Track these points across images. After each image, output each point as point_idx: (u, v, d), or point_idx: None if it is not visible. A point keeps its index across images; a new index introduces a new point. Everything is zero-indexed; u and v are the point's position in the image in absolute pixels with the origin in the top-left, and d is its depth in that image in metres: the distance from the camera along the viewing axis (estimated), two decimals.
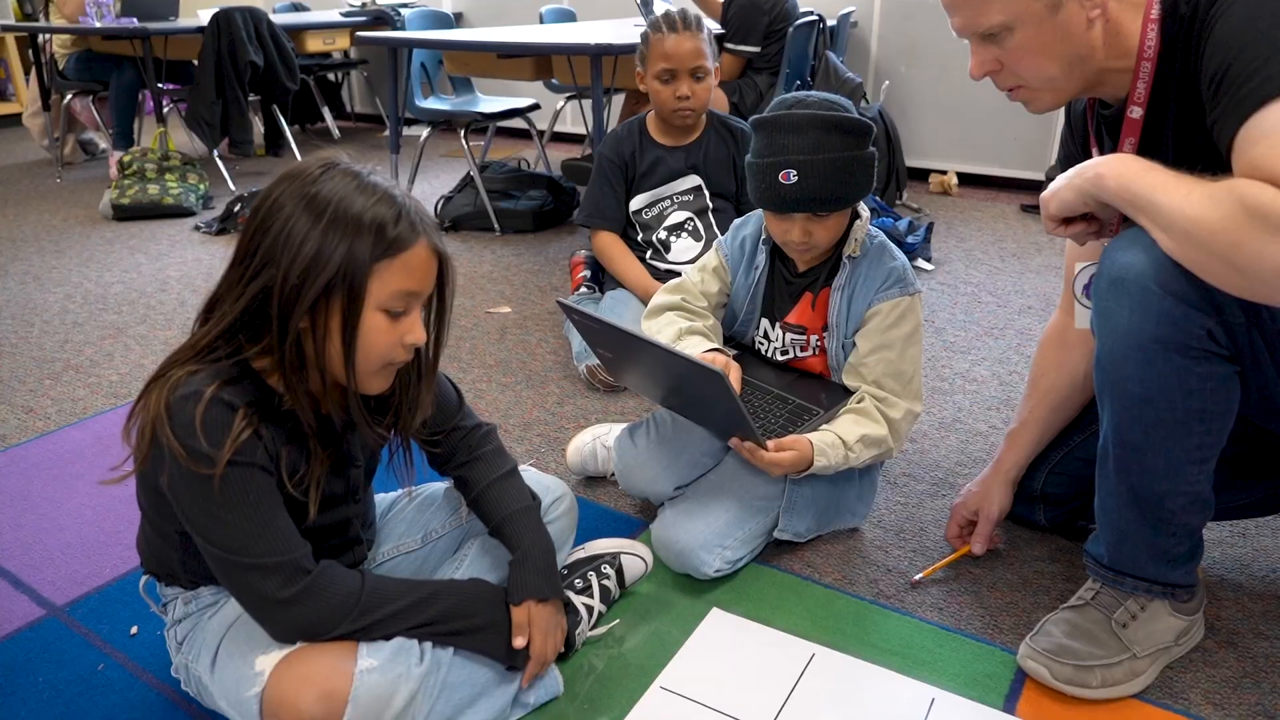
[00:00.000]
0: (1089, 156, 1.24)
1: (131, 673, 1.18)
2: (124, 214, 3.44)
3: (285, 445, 0.94)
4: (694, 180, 2.16)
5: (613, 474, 1.53)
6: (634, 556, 1.29)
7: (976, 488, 1.39)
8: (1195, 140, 1.01)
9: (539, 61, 3.41)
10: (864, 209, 1.39)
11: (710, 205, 2.17)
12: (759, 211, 1.44)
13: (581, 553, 1.28)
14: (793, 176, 1.28)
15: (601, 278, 2.24)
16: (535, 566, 1.07)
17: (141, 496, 1.01)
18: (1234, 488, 1.24)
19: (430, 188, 3.86)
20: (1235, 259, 0.86)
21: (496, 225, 3.22)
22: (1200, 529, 1.11)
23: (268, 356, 0.93)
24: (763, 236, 1.45)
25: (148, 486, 0.98)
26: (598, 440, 1.60)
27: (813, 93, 1.32)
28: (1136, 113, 1.08)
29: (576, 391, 1.99)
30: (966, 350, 2.21)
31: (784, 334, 1.46)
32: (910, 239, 2.91)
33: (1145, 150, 1.12)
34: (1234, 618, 1.26)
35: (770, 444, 1.25)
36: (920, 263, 2.88)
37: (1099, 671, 1.10)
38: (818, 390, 1.42)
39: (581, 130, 4.74)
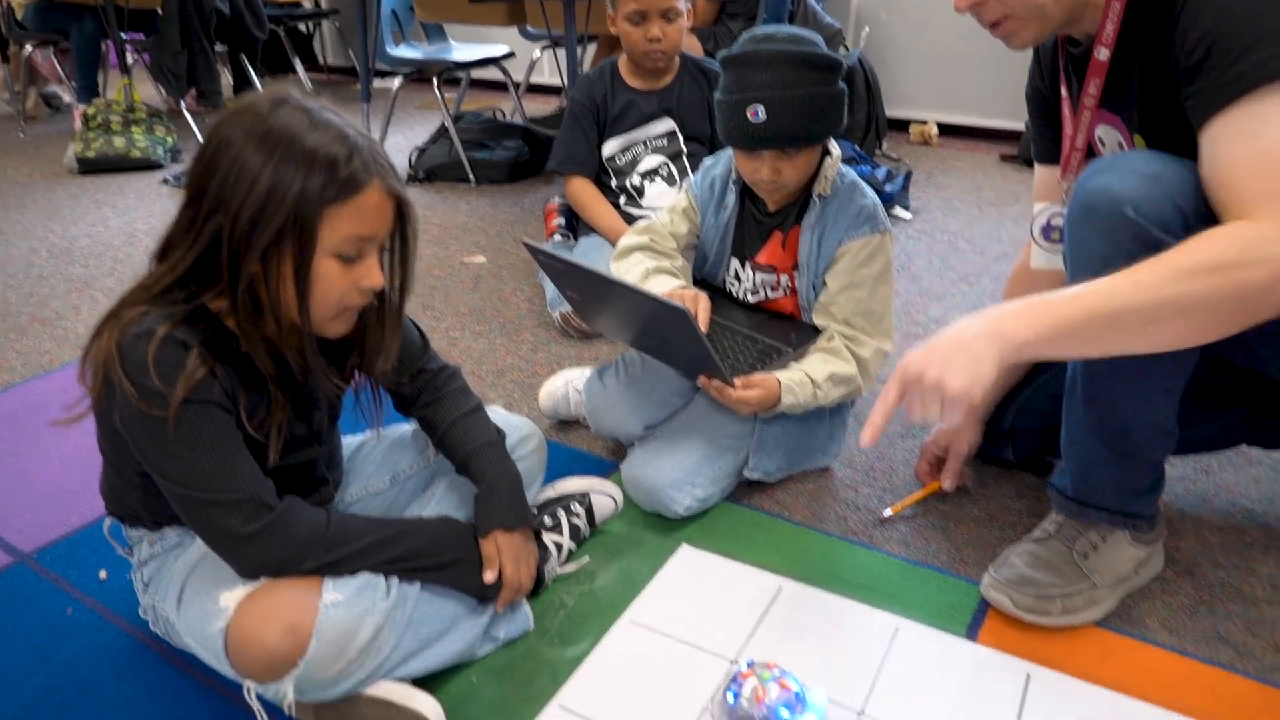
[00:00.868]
0: (1057, 94, 1.23)
1: (101, 616, 1.18)
2: (89, 167, 3.37)
3: (243, 387, 0.93)
4: (668, 124, 2.13)
5: (584, 417, 1.53)
6: (604, 495, 1.30)
7: (946, 425, 1.40)
8: (1163, 91, 1.00)
9: (513, 8, 3.34)
10: (834, 147, 1.38)
11: (685, 149, 2.14)
12: (729, 151, 1.42)
13: (551, 492, 1.29)
14: (760, 113, 1.26)
15: (576, 224, 2.22)
16: (501, 498, 1.08)
17: (101, 439, 1.00)
18: (1194, 422, 1.26)
19: (405, 139, 3.79)
20: (1253, 302, 0.86)
21: (471, 176, 3.18)
22: (1163, 460, 1.12)
23: (223, 299, 0.91)
24: (733, 176, 1.44)
25: (106, 428, 0.97)
26: (570, 384, 1.59)
27: (782, 27, 1.30)
28: (1104, 54, 1.06)
29: (550, 338, 1.98)
30: (941, 296, 2.21)
31: (754, 274, 1.46)
32: (888, 187, 2.89)
33: (1110, 95, 1.10)
34: (1193, 549, 1.29)
35: (738, 381, 1.25)
36: (898, 211, 2.87)
37: (1059, 600, 1.12)
38: (788, 330, 1.42)
39: (558, 82, 4.66)
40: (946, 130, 3.93)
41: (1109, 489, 1.12)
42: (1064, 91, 1.20)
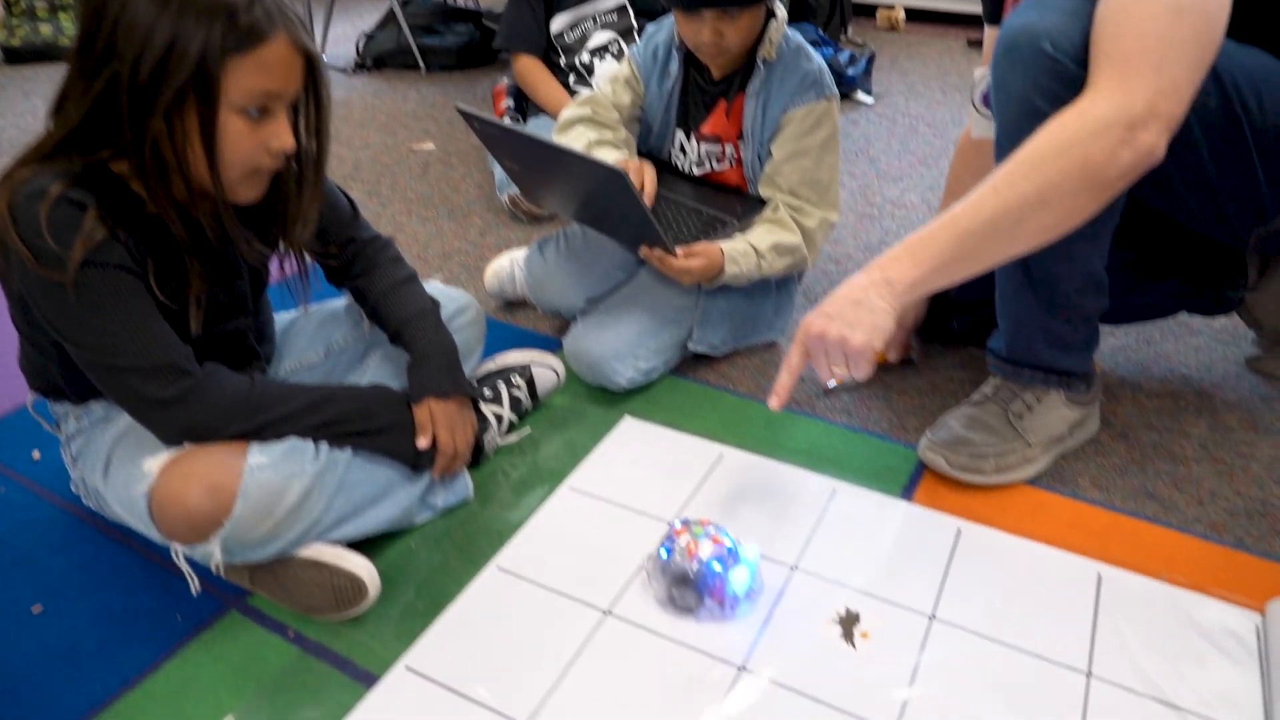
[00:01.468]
0: None
1: (35, 494, 1.17)
2: (15, 57, 3.20)
3: (153, 253, 0.89)
4: None
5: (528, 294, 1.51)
6: (545, 368, 1.29)
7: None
8: None
9: None
10: (780, 9, 1.32)
11: (635, 25, 2.06)
12: (672, 17, 1.36)
13: (491, 365, 1.27)
14: None
15: (525, 106, 2.15)
16: (434, 365, 1.06)
17: (12, 311, 0.96)
18: (1134, 289, 1.26)
19: (351, 26, 3.62)
20: (1100, 178, 0.86)
21: (421, 63, 3.06)
22: (1095, 316, 1.12)
23: (125, 160, 0.86)
24: (675, 43, 1.38)
25: (13, 298, 0.93)
26: (515, 263, 1.56)
27: None
28: None
29: (499, 223, 1.94)
30: (898, 178, 2.18)
31: (699, 146, 1.42)
32: (850, 71, 2.82)
33: None
34: (1129, 413, 1.31)
35: (680, 251, 1.23)
36: (860, 95, 2.81)
37: (993, 459, 1.14)
38: (734, 202, 1.39)
39: None
40: (914, 15, 3.82)
41: (1042, 345, 1.12)
42: None
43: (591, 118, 1.42)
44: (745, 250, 1.28)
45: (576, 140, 1.39)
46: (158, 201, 0.87)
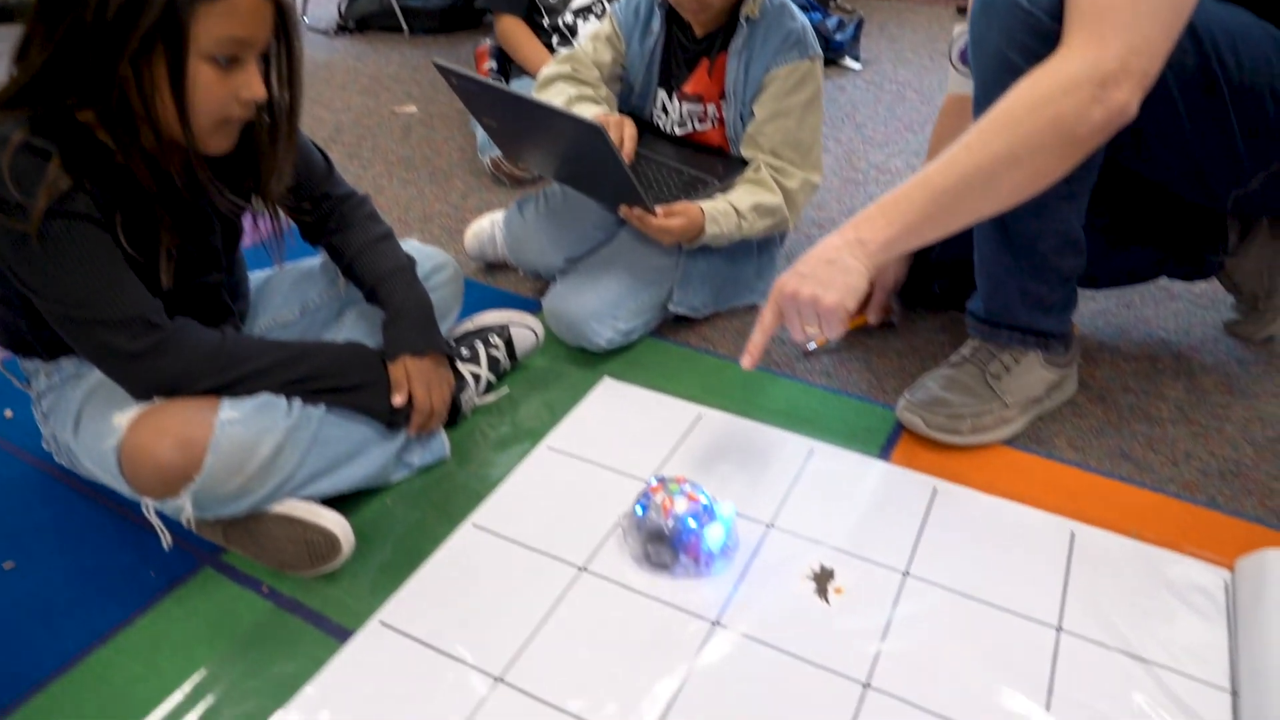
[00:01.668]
0: None
1: (8, 452, 1.15)
2: None
3: (121, 204, 0.87)
4: None
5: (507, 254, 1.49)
6: (524, 328, 1.28)
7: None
8: None
9: None
10: None
11: None
12: None
13: (469, 325, 1.26)
14: None
15: (508, 68, 2.12)
16: (410, 322, 1.05)
17: None
18: (1115, 255, 1.26)
19: None
20: (1071, 135, 0.85)
21: (405, 26, 3.02)
22: (1073, 277, 1.12)
23: (92, 108, 0.84)
24: None
25: None
26: (495, 224, 1.55)
27: None
28: None
29: (481, 186, 1.92)
30: (884, 144, 2.17)
31: (681, 105, 1.40)
32: (838, 36, 2.79)
33: None
34: (1107, 376, 1.31)
35: (660, 210, 1.22)
36: (847, 62, 2.79)
37: (969, 420, 1.14)
38: (715, 163, 1.38)
39: None
40: None
41: (1019, 305, 1.12)
42: None
43: (572, 75, 1.40)
44: (725, 210, 1.27)
45: (556, 96, 1.37)
46: (126, 151, 0.86)
